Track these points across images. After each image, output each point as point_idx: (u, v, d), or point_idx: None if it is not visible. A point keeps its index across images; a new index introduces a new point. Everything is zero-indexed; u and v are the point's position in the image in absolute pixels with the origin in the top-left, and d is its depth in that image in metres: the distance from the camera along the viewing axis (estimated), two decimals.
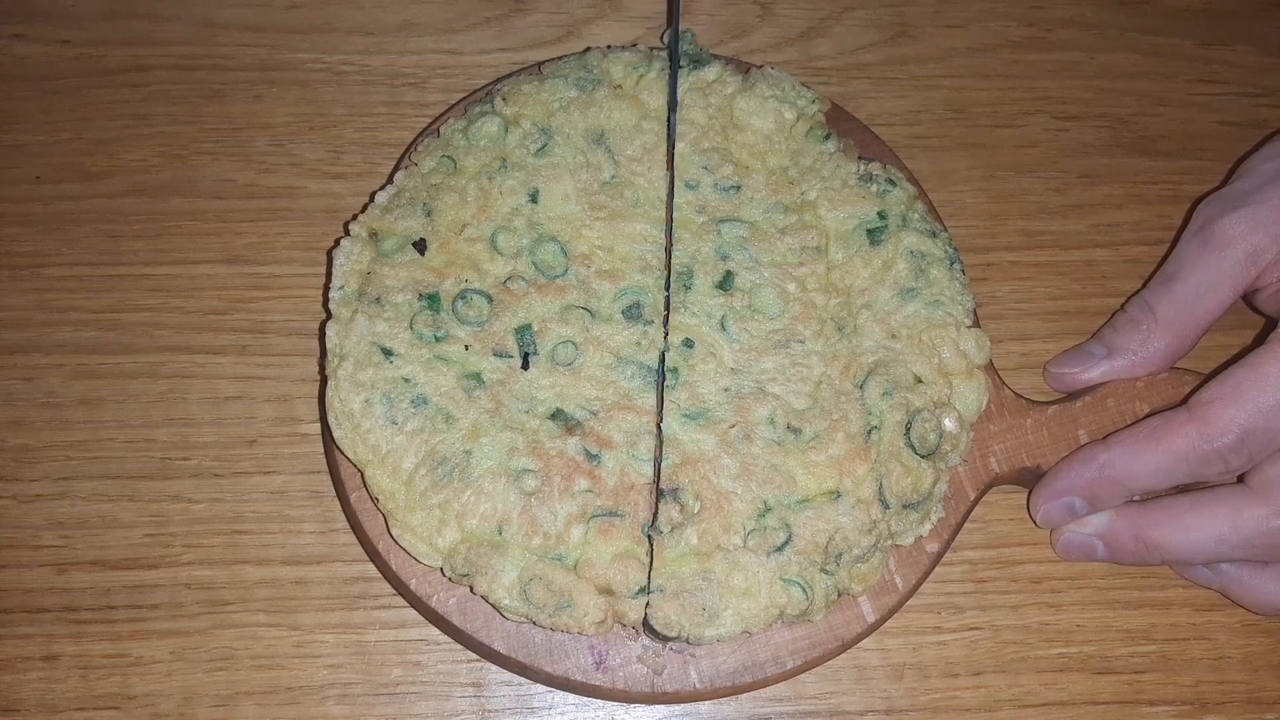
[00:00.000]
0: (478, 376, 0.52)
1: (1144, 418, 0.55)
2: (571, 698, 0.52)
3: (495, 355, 0.52)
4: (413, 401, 0.50)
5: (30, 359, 0.57)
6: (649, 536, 0.49)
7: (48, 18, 0.65)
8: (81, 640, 0.52)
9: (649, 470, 0.50)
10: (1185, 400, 0.52)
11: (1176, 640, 0.55)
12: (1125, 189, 0.65)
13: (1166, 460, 0.51)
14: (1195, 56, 0.69)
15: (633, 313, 0.53)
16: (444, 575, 0.49)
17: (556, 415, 0.51)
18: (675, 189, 0.56)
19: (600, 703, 0.52)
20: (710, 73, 0.58)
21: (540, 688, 0.52)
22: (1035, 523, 0.55)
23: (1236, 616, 0.55)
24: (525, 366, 0.52)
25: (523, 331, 0.52)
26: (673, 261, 0.54)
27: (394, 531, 0.49)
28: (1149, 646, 0.55)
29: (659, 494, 0.50)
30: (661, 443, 0.51)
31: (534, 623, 0.49)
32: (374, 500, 0.50)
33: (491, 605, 0.49)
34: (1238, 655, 0.55)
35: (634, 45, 0.60)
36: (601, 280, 0.54)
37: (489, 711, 0.52)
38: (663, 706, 0.52)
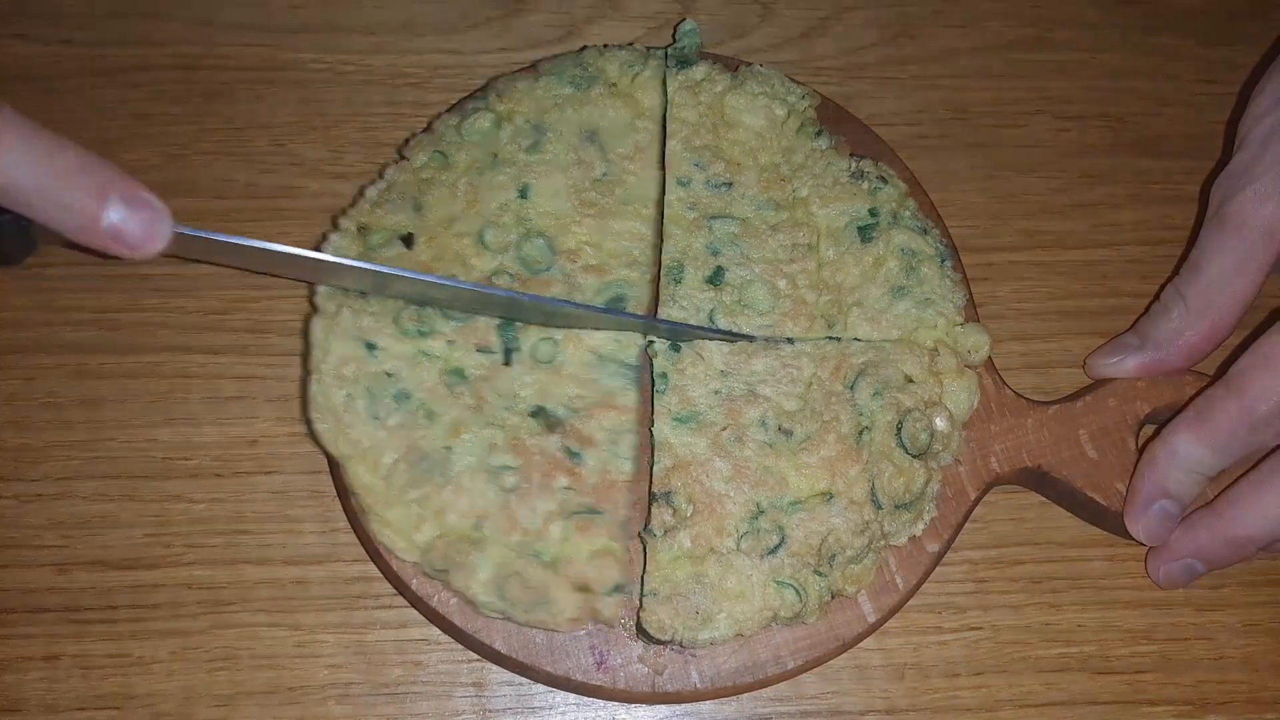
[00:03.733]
0: (460, 372, 0.51)
1: (1144, 418, 0.55)
2: (572, 698, 0.52)
3: (478, 351, 0.52)
4: (395, 397, 0.50)
5: (31, 359, 0.57)
6: (642, 539, 0.49)
7: (49, 18, 0.65)
8: (82, 640, 0.52)
9: (630, 468, 0.50)
10: (1221, 373, 0.52)
11: (1177, 640, 0.55)
12: (1126, 189, 0.65)
13: (1220, 438, 0.51)
14: (1196, 56, 0.69)
15: (615, 307, 0.53)
16: (421, 570, 0.49)
17: (538, 412, 0.51)
18: (667, 185, 0.56)
19: (601, 703, 0.52)
20: (698, 71, 0.58)
21: (541, 688, 0.52)
22: (1142, 539, 0.53)
23: (1237, 616, 0.55)
24: (508, 362, 0.52)
25: (505, 327, 0.52)
26: (663, 257, 0.54)
27: (372, 526, 0.49)
28: (1150, 646, 0.55)
29: (651, 497, 0.50)
30: (654, 446, 0.51)
31: (509, 619, 0.49)
32: (351, 494, 0.50)
33: (467, 601, 0.49)
34: (1238, 655, 0.54)
35: (631, 45, 0.60)
36: (587, 275, 0.54)
37: (490, 711, 0.52)
38: (664, 706, 0.52)
